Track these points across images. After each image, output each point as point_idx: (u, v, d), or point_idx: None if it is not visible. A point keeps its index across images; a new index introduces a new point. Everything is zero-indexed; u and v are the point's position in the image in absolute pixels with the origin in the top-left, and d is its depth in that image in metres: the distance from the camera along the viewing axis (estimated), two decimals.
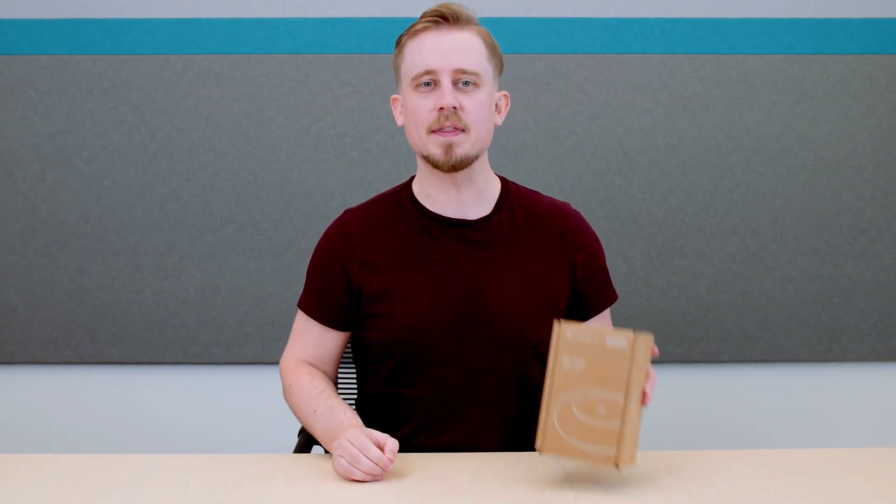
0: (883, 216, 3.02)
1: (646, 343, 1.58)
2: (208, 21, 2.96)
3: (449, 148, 1.87)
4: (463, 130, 1.86)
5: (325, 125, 2.99)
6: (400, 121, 1.99)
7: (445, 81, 1.85)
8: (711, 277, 3.03)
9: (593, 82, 2.99)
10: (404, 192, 2.04)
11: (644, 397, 1.62)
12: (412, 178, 2.06)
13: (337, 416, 1.81)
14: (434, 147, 1.88)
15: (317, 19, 2.97)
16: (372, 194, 2.12)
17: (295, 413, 1.96)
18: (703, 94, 2.99)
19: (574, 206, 2.11)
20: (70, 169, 3.00)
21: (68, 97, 2.98)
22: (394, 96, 2.01)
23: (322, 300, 2.01)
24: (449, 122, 1.85)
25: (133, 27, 2.96)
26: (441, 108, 1.85)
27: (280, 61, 2.98)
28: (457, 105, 1.85)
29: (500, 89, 1.99)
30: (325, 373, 2.02)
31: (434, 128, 1.86)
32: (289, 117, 2.99)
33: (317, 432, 1.85)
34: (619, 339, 1.56)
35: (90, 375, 3.08)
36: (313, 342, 2.02)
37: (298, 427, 2.28)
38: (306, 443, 2.19)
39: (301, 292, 2.06)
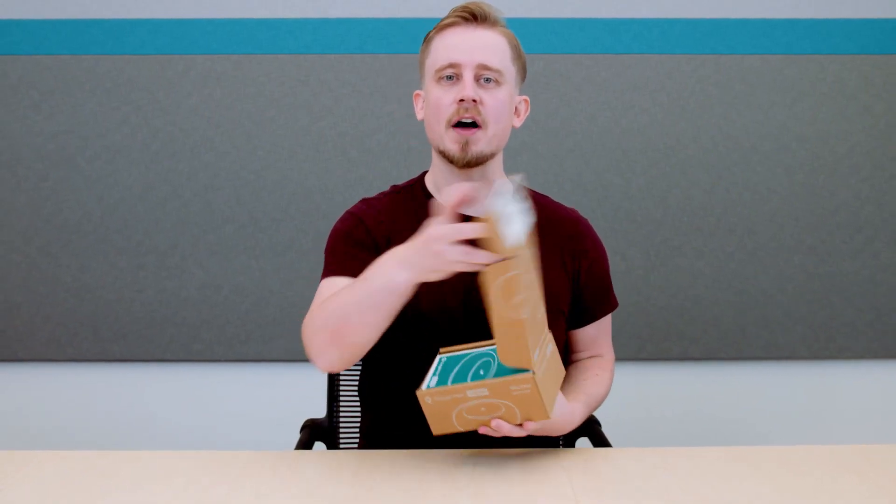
0: (879, 215, 3.04)
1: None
2: (210, 21, 2.98)
3: (465, 145, 1.88)
4: (480, 127, 1.88)
5: (326, 125, 3.01)
6: (420, 115, 2.01)
7: (468, 75, 1.87)
8: (709, 276, 3.04)
9: (592, 82, 3.01)
10: (418, 186, 2.05)
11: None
12: (424, 172, 2.08)
13: (377, 262, 1.70)
14: (451, 142, 1.89)
15: (317, 20, 2.99)
16: (373, 193, 2.13)
17: (341, 313, 1.72)
18: (701, 94, 3.01)
19: (573, 206, 2.13)
20: (73, 168, 3.01)
21: (71, 97, 3.00)
22: (416, 92, 2.03)
23: (351, 258, 1.93)
24: (468, 114, 1.87)
25: (135, 27, 2.98)
26: (461, 100, 1.86)
27: (281, 61, 3.00)
28: (477, 98, 1.86)
29: (521, 94, 2.02)
30: None
31: (453, 120, 1.88)
32: (290, 117, 3.01)
33: (376, 282, 1.67)
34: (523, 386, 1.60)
35: (93, 373, 3.09)
36: None
37: (300, 424, 2.29)
38: (308, 439, 2.21)
39: (323, 270, 1.97)
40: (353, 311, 1.70)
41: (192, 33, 2.99)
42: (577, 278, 2.04)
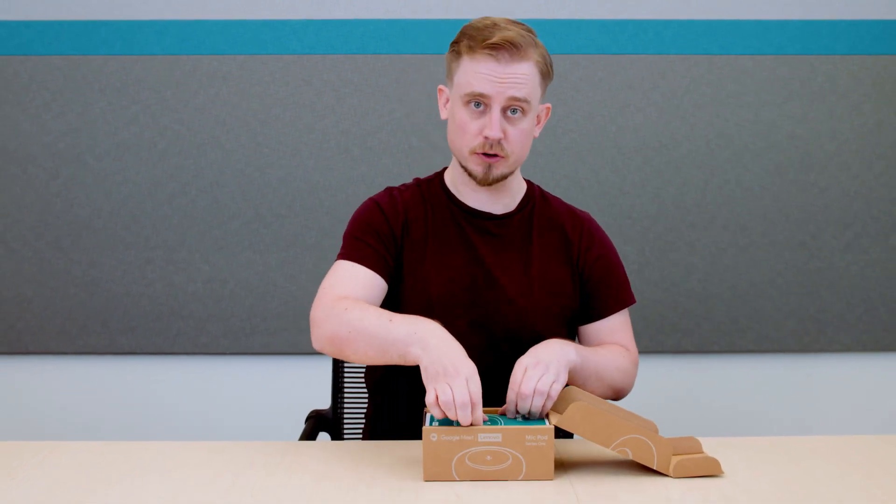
0: (868, 211, 3.07)
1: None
2: (216, 23, 3.01)
3: (488, 168, 1.93)
4: (504, 157, 1.93)
5: (329, 123, 3.05)
6: (444, 114, 2.03)
7: (495, 111, 1.88)
8: (703, 271, 3.08)
9: (588, 82, 3.04)
10: (437, 181, 2.10)
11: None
12: (444, 168, 2.13)
13: (418, 318, 1.75)
14: (474, 165, 1.94)
15: (321, 21, 3.02)
16: (374, 190, 2.16)
17: (352, 331, 1.78)
18: (694, 94, 3.04)
19: (570, 202, 2.17)
20: (83, 166, 3.05)
21: (81, 96, 3.03)
22: (441, 87, 2.04)
23: (366, 246, 1.97)
24: (492, 150, 1.90)
25: (143, 28, 3.01)
26: (486, 137, 1.90)
27: (285, 62, 3.03)
28: (502, 136, 1.89)
29: (544, 101, 2.03)
30: None
31: (477, 150, 1.91)
32: (294, 116, 3.04)
33: (397, 334, 1.73)
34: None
35: (102, 365, 3.12)
36: (360, 284, 1.92)
37: (305, 415, 2.34)
38: (313, 430, 2.25)
39: (340, 252, 2.00)
40: (362, 339, 1.78)
41: (198, 34, 3.02)
42: (581, 275, 2.07)
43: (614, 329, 2.10)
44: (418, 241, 2.02)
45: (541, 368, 1.73)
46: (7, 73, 3.03)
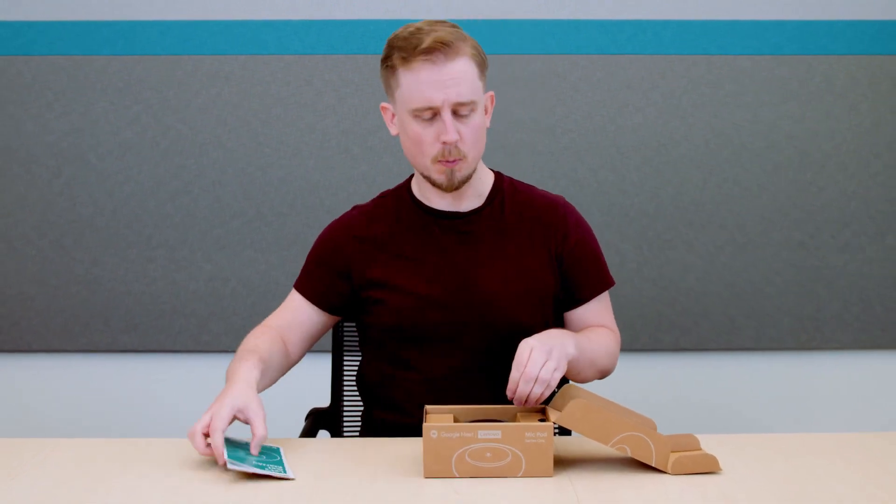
0: (865, 210, 3.08)
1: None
2: (217, 23, 3.02)
3: (451, 174, 1.94)
4: (463, 158, 1.93)
5: (330, 123, 3.06)
6: (394, 130, 2.02)
7: (447, 115, 1.88)
8: (701, 269, 3.09)
9: (587, 82, 3.05)
10: (404, 189, 2.12)
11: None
12: (412, 176, 2.14)
13: (235, 366, 1.84)
14: (437, 174, 1.95)
15: (321, 21, 3.03)
16: (374, 189, 2.18)
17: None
18: (693, 93, 3.05)
19: (569, 200, 2.17)
20: (85, 165, 3.06)
21: (83, 96, 3.05)
22: (383, 104, 2.02)
23: (316, 279, 2.09)
24: (452, 155, 1.90)
25: (145, 29, 3.03)
26: (444, 142, 1.90)
27: (286, 62, 3.05)
28: (458, 138, 1.89)
29: (487, 89, 2.01)
30: (289, 344, 2.06)
31: (439, 158, 1.91)
32: (295, 115, 3.06)
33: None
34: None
35: (104, 363, 3.15)
36: (293, 317, 2.08)
37: (305, 412, 2.36)
38: (312, 427, 2.27)
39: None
40: None
41: (200, 34, 3.03)
42: (561, 262, 2.07)
43: (599, 312, 2.13)
44: (389, 254, 2.04)
45: (545, 352, 1.75)
46: (10, 73, 3.05)
